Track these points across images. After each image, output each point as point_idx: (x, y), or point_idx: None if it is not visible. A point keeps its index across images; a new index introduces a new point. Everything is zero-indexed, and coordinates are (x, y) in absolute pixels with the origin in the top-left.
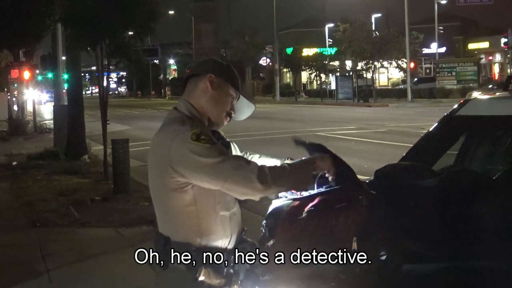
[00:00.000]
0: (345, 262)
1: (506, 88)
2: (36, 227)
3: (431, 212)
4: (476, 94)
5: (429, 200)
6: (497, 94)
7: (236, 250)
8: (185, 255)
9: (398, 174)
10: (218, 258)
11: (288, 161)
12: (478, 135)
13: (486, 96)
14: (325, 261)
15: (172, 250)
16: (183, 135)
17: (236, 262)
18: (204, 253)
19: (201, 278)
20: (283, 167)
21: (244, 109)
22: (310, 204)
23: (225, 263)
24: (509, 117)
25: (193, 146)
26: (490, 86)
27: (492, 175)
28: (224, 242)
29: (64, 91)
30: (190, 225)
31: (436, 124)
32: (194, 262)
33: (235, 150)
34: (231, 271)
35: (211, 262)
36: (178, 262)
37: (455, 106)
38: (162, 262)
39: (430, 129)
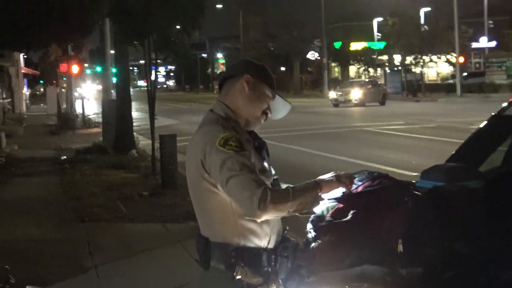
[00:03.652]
0: (391, 264)
1: None
2: (84, 221)
3: (477, 214)
4: None
5: (475, 202)
6: None
7: (277, 249)
8: (224, 256)
9: (444, 175)
10: (256, 257)
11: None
12: None
13: None
14: (371, 263)
15: (212, 251)
16: (214, 138)
17: (277, 261)
18: (242, 252)
19: (238, 277)
20: (287, 192)
21: (281, 108)
22: (355, 206)
23: (264, 262)
24: None
25: (218, 152)
26: None
27: None
28: (263, 241)
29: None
30: (226, 225)
31: (485, 123)
32: (232, 261)
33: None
34: (270, 270)
35: (248, 261)
36: (218, 262)
37: (504, 104)
38: (204, 263)
39: (478, 128)
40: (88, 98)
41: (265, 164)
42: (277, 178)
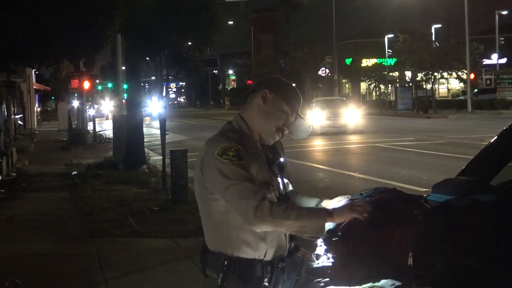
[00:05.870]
0: (402, 278)
1: None
2: (94, 236)
3: (488, 228)
4: None
5: (487, 216)
6: None
7: (274, 261)
8: (217, 265)
9: (455, 189)
10: (249, 268)
11: (323, 203)
12: None
13: None
14: (382, 278)
15: (209, 260)
16: (214, 147)
17: (272, 273)
18: (234, 263)
19: (227, 286)
20: (290, 211)
21: (301, 129)
22: (366, 220)
23: (257, 273)
24: None
25: (216, 161)
26: None
27: None
28: (258, 253)
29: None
30: (222, 235)
31: (496, 137)
32: (224, 269)
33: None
34: (266, 283)
35: (240, 271)
36: (212, 270)
37: None
38: (202, 270)
39: (489, 143)
40: (106, 116)
41: (274, 178)
42: (289, 193)
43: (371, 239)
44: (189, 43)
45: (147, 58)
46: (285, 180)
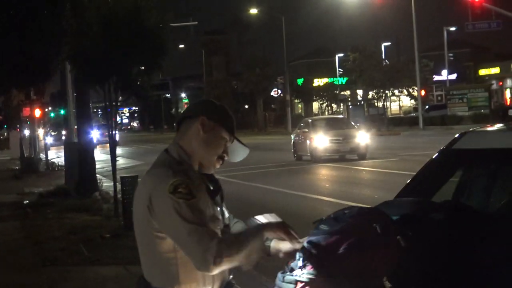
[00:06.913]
0: None
1: (503, 120)
2: (46, 266)
3: (443, 246)
4: None
5: (441, 234)
6: (494, 126)
7: None
8: None
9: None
10: None
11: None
12: (475, 169)
13: (483, 129)
14: None
15: None
16: (163, 184)
17: None
18: None
19: None
20: (238, 242)
21: (239, 152)
22: (348, 240)
23: None
24: (505, 150)
25: (167, 200)
26: None
27: (488, 210)
28: None
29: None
30: (169, 272)
31: (434, 157)
32: None
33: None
34: None
35: None
36: None
37: (456, 136)
38: None
39: (427, 163)
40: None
41: (218, 209)
42: (228, 224)
43: (350, 260)
44: (137, 69)
45: (96, 85)
46: (224, 209)
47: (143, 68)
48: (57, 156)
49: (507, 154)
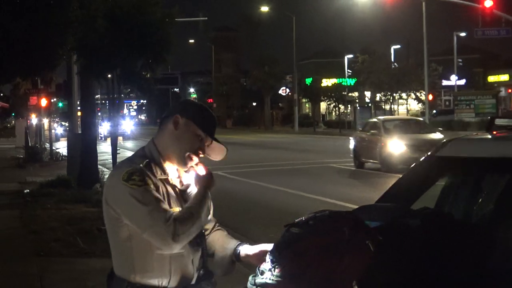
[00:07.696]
0: None
1: (488, 129)
2: (39, 256)
3: (417, 252)
4: None
5: (416, 240)
6: (479, 135)
7: None
8: None
9: (379, 214)
10: None
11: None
12: (459, 177)
13: (468, 137)
14: None
15: (113, 284)
16: (119, 173)
17: None
18: None
19: None
20: (189, 213)
21: (217, 150)
22: (317, 244)
23: None
24: (490, 159)
25: (121, 186)
26: None
27: (471, 218)
28: (161, 280)
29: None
30: (125, 260)
31: (418, 164)
32: None
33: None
34: None
35: None
36: None
37: (441, 143)
38: None
39: (411, 169)
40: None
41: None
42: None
43: (319, 263)
44: (141, 62)
45: (100, 77)
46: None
47: (147, 62)
48: (64, 146)
49: (491, 163)
